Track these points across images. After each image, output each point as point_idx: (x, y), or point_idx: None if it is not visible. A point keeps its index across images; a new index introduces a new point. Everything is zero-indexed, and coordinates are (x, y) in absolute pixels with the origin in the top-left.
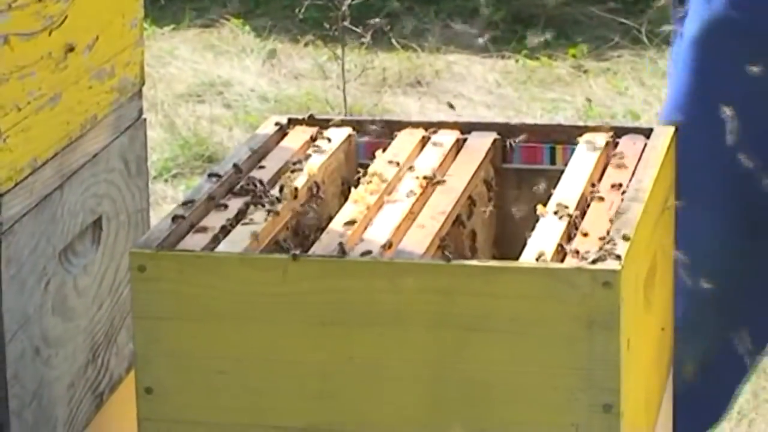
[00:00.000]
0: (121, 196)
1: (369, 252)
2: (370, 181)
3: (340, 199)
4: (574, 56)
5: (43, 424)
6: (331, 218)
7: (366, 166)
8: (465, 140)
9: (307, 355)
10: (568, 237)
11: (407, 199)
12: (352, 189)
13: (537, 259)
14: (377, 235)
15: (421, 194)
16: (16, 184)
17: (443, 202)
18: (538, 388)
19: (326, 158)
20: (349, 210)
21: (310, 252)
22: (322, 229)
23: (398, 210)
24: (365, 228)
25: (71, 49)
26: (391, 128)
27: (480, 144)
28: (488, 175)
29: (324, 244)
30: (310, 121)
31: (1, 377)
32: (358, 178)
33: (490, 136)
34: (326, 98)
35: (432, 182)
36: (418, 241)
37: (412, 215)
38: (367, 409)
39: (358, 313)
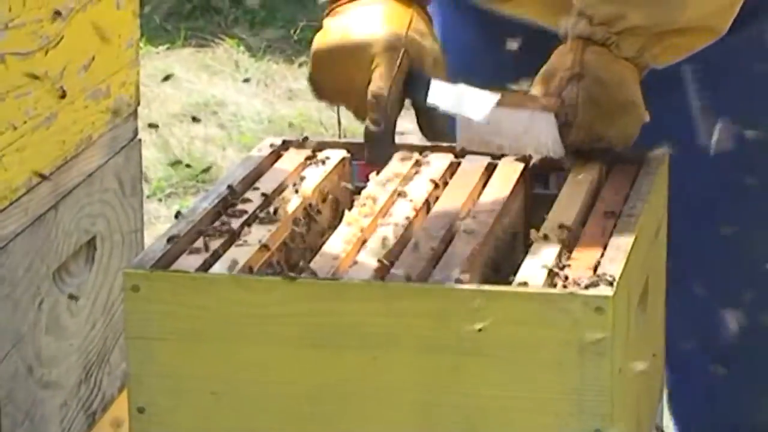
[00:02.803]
0: (116, 216)
1: (363, 274)
2: (364, 204)
3: (334, 222)
4: None
5: None
6: (324, 240)
7: (360, 189)
8: (459, 164)
9: (299, 377)
10: (561, 262)
11: (401, 222)
12: (346, 211)
13: (529, 284)
14: (371, 257)
15: (415, 217)
16: (11, 203)
17: (437, 226)
18: (529, 413)
19: (320, 180)
20: (343, 232)
21: (303, 274)
22: (316, 252)
23: (392, 233)
24: (359, 250)
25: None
26: None
27: (473, 168)
28: None
29: (317, 267)
30: (305, 143)
31: None
32: (352, 201)
33: (484, 161)
34: (320, 119)
35: (425, 205)
36: (412, 264)
37: (405, 238)
38: None
39: (351, 336)
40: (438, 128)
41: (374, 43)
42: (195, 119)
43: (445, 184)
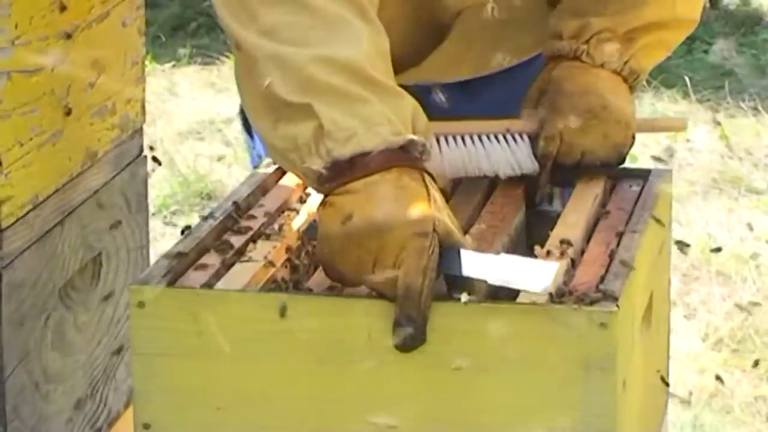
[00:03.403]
0: (122, 233)
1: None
2: None
3: None
4: None
5: None
6: None
7: None
8: (460, 180)
9: (304, 392)
10: (565, 278)
11: None
12: None
13: (533, 300)
14: None
15: None
16: (18, 220)
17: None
18: (533, 428)
19: None
20: None
21: (308, 290)
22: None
23: None
24: None
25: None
26: None
27: (475, 185)
28: None
29: (321, 282)
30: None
31: (0, 412)
32: None
33: (488, 177)
34: None
35: None
36: None
37: None
38: None
39: (355, 351)
40: (475, 292)
41: (401, 227)
42: (201, 136)
43: (448, 200)
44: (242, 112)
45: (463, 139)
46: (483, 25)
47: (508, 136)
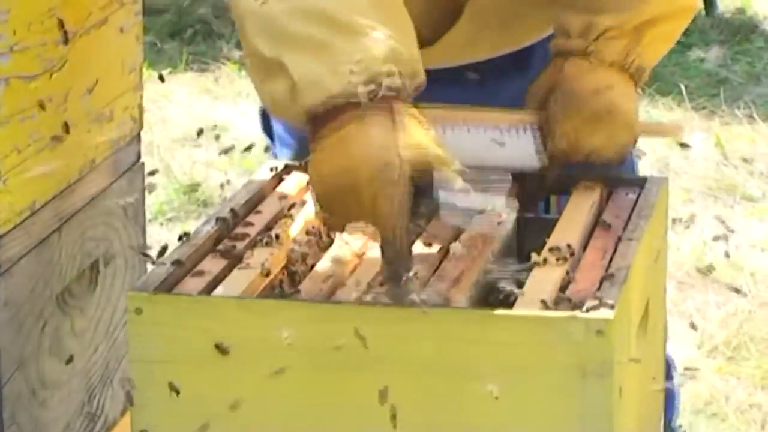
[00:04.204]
0: (119, 239)
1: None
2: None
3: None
4: None
5: None
6: (322, 263)
7: None
8: None
9: (302, 399)
10: (562, 285)
11: None
12: (338, 234)
13: (530, 307)
14: (368, 277)
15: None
16: (15, 227)
17: (427, 248)
18: None
19: None
20: (336, 254)
21: (303, 296)
22: (311, 274)
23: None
24: (352, 272)
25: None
26: None
27: None
28: None
29: (315, 289)
30: (306, 167)
31: None
32: None
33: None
34: None
35: (422, 226)
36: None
37: None
38: None
39: (352, 358)
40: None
41: (369, 176)
42: (197, 143)
43: None
44: (262, 113)
45: (468, 130)
46: (496, 4)
47: (513, 131)
